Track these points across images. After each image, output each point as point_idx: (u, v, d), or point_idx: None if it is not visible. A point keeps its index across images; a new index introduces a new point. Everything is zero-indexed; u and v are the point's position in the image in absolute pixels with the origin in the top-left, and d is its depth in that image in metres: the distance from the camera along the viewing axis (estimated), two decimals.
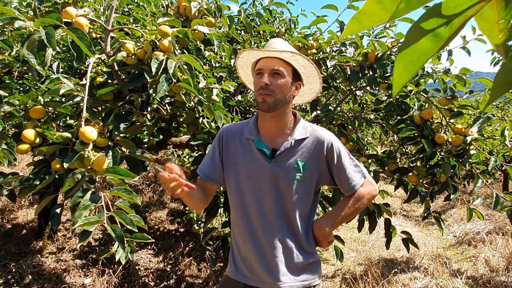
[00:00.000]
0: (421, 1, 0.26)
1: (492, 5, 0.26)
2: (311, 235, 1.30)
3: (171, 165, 1.11)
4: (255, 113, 1.59)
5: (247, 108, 2.78)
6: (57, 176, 1.47)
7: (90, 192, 1.25)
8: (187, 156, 3.21)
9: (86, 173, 1.29)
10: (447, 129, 2.16)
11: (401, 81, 0.30)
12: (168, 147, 2.39)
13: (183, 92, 1.58)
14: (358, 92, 3.03)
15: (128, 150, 1.64)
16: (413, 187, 2.24)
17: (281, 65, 1.19)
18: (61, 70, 1.76)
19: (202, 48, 1.94)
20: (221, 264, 3.04)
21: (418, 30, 0.28)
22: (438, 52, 0.30)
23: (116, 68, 1.58)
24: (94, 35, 1.97)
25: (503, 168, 2.85)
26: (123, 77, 1.64)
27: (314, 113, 2.39)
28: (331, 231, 1.30)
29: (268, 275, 1.24)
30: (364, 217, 2.12)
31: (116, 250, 1.21)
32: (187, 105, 1.69)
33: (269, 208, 1.24)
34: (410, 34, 0.28)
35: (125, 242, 1.21)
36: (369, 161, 2.23)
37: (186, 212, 3.40)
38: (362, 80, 2.42)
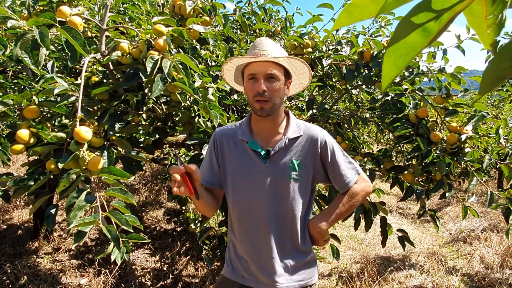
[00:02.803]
0: None
1: (481, 0, 0.26)
2: (307, 234, 1.31)
3: (192, 166, 1.11)
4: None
5: (244, 107, 2.78)
6: (52, 177, 1.46)
7: (85, 192, 1.24)
8: (184, 155, 3.20)
9: (81, 173, 1.28)
10: (442, 128, 2.17)
11: (390, 75, 0.30)
12: (164, 146, 2.38)
13: (179, 91, 1.58)
14: (353, 91, 3.04)
15: (123, 150, 1.64)
16: (408, 185, 2.25)
17: (274, 68, 1.18)
18: (55, 69, 1.75)
19: (197, 47, 1.94)
20: (218, 263, 3.04)
21: (408, 25, 0.28)
22: (427, 46, 0.30)
23: (111, 67, 1.57)
24: (89, 34, 1.96)
25: (498, 166, 2.87)
26: (118, 76, 1.63)
27: (310, 112, 2.39)
28: (327, 229, 1.30)
29: (265, 276, 1.24)
30: (360, 215, 2.13)
31: (112, 251, 1.20)
32: (182, 105, 1.68)
33: (265, 208, 1.24)
34: (400, 28, 0.29)
35: (121, 242, 1.20)
36: (365, 159, 2.24)
37: (183, 211, 3.39)
38: (357, 78, 2.42)
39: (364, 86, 2.79)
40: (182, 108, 1.75)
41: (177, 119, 1.83)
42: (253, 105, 1.19)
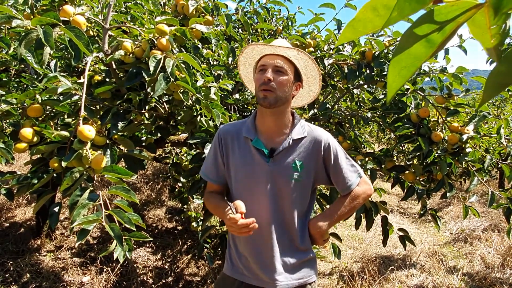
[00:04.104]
0: (413, 8, 0.27)
1: (484, 11, 0.27)
2: (306, 234, 1.32)
3: (242, 205, 1.18)
4: (253, 111, 1.59)
5: (245, 106, 2.78)
6: (55, 175, 1.47)
7: (88, 190, 1.25)
8: (185, 154, 3.21)
9: (84, 172, 1.29)
10: (443, 127, 2.17)
11: (395, 86, 0.31)
12: (166, 145, 2.39)
13: (181, 90, 1.59)
14: (355, 91, 3.05)
15: (126, 149, 1.64)
16: (409, 185, 2.25)
17: (284, 63, 1.21)
18: (58, 68, 1.75)
19: (200, 46, 1.94)
20: (219, 262, 3.05)
21: (412, 36, 0.28)
22: (431, 57, 0.30)
23: (114, 66, 1.58)
24: (91, 33, 1.96)
25: (499, 166, 2.88)
26: (121, 75, 1.63)
27: (312, 111, 2.40)
28: (327, 230, 1.31)
29: (265, 274, 1.25)
30: (362, 214, 2.14)
31: (114, 249, 1.21)
32: (185, 104, 1.69)
33: (266, 207, 1.25)
34: (404, 39, 0.29)
35: (123, 240, 1.21)
36: (366, 159, 2.24)
37: (184, 210, 3.41)
38: (359, 78, 2.42)
39: (365, 86, 2.80)
40: (184, 107, 1.76)
41: (179, 118, 1.83)
42: (258, 94, 1.21)
